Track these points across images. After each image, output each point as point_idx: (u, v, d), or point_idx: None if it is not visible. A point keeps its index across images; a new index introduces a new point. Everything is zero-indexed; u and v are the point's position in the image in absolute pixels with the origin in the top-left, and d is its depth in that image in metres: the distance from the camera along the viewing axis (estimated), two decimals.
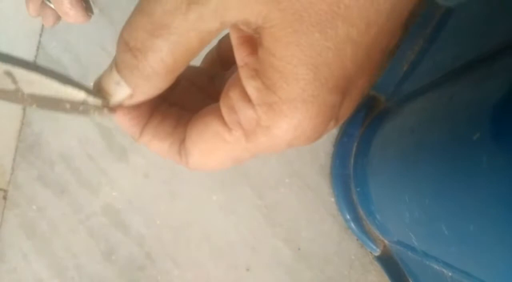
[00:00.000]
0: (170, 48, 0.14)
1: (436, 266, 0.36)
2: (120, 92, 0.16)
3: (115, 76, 0.15)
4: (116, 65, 0.15)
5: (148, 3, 0.13)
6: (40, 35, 0.61)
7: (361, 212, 0.54)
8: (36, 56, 0.61)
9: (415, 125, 0.40)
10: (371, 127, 0.53)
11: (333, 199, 0.57)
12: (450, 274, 0.33)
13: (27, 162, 0.60)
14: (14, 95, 0.16)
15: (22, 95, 0.16)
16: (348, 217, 0.54)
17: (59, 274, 0.58)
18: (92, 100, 0.16)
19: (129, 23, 0.14)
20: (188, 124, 0.17)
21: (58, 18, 0.26)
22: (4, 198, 0.59)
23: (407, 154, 0.39)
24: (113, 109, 0.17)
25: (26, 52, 0.60)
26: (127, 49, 0.14)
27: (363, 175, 0.51)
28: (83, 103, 0.16)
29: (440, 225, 0.31)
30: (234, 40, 0.15)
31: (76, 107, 0.16)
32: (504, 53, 0.29)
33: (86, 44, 0.59)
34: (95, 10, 0.59)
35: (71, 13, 0.24)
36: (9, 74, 0.15)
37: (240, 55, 0.15)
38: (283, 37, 0.12)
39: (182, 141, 0.17)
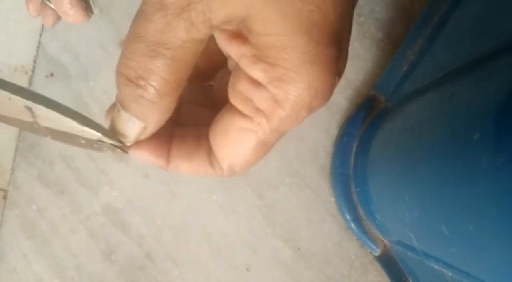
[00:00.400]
0: (170, 65, 0.14)
1: (436, 266, 0.36)
2: (134, 129, 0.16)
3: (124, 115, 0.15)
4: (121, 103, 0.15)
5: (138, 29, 0.14)
6: (40, 35, 0.61)
7: (361, 212, 0.54)
8: (36, 56, 0.61)
9: (415, 125, 0.40)
10: (371, 127, 0.53)
11: (333, 199, 0.57)
12: (450, 274, 0.33)
13: (27, 161, 0.60)
14: (30, 126, 0.16)
15: (38, 127, 0.16)
16: (348, 217, 0.54)
17: (59, 274, 0.58)
18: (107, 139, 0.16)
19: (124, 56, 0.14)
20: (209, 135, 0.17)
21: (58, 18, 0.26)
22: (4, 198, 0.59)
23: (407, 154, 0.39)
24: (127, 148, 0.17)
25: (26, 52, 0.60)
26: (128, 82, 0.14)
27: (363, 175, 0.51)
28: (98, 141, 0.17)
29: (440, 225, 0.31)
30: (222, 41, 0.16)
31: (91, 144, 0.17)
32: (504, 53, 0.29)
33: (86, 44, 0.59)
34: (95, 10, 0.59)
35: (71, 13, 0.24)
36: (29, 108, 0.16)
37: (234, 51, 0.15)
38: (269, 16, 0.13)
39: (210, 153, 0.17)
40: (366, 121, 0.55)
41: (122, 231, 0.58)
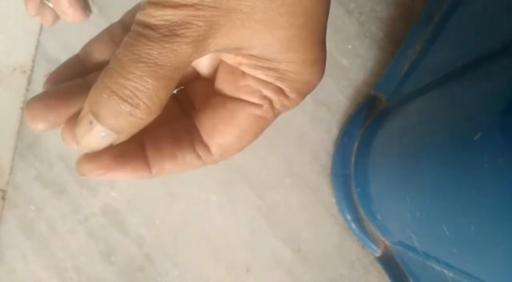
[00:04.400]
0: (167, 85, 0.15)
1: (437, 267, 0.35)
2: (106, 141, 0.16)
3: (98, 129, 0.15)
4: (99, 117, 0.15)
5: (140, 51, 0.14)
6: (39, 35, 0.60)
7: (362, 212, 0.54)
8: (34, 56, 0.60)
9: (416, 125, 0.39)
10: (372, 127, 0.53)
11: (333, 200, 0.56)
12: (451, 274, 0.33)
13: (25, 162, 0.59)
14: None
15: None
16: (348, 217, 0.54)
17: (58, 275, 0.58)
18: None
19: (121, 76, 0.14)
20: (202, 126, 0.18)
21: (56, 17, 0.26)
22: (3, 198, 0.59)
23: (408, 154, 0.39)
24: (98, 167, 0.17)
25: (24, 52, 0.60)
26: (118, 99, 0.15)
27: (364, 175, 0.51)
28: None
29: (441, 225, 0.31)
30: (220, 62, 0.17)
31: None
32: (505, 53, 0.29)
33: (85, 43, 0.59)
34: (94, 9, 0.58)
35: (70, 12, 0.24)
36: None
37: (231, 60, 0.17)
38: (267, 42, 0.15)
39: (194, 145, 0.18)
40: (367, 121, 0.54)
41: (121, 232, 0.58)
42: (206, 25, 0.14)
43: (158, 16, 0.14)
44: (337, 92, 0.57)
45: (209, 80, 0.19)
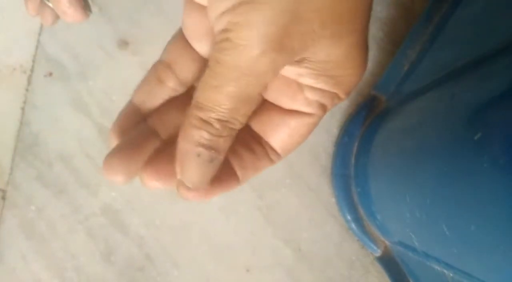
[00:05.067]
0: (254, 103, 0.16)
1: (437, 267, 0.35)
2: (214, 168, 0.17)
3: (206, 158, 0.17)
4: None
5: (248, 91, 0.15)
6: (39, 34, 0.60)
7: (362, 212, 0.54)
8: (34, 56, 0.60)
9: (416, 125, 0.39)
10: (372, 127, 0.53)
11: (333, 200, 0.56)
12: (451, 275, 0.33)
13: (25, 162, 0.59)
14: None
15: None
16: (348, 217, 0.54)
17: (58, 275, 0.58)
18: None
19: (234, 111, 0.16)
20: (269, 137, 0.19)
21: (56, 17, 0.26)
22: (3, 198, 0.59)
23: (408, 154, 0.39)
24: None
25: (24, 51, 0.60)
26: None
27: (364, 175, 0.51)
28: None
29: (441, 225, 0.31)
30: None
31: None
32: (505, 53, 0.29)
33: (85, 43, 0.59)
34: (94, 9, 0.58)
35: (70, 12, 0.24)
36: None
37: (289, 73, 0.17)
38: (325, 48, 0.16)
39: (268, 153, 0.20)
40: (367, 121, 0.54)
41: (121, 232, 0.58)
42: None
43: None
44: None
45: None
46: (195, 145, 0.16)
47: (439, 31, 0.47)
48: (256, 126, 0.19)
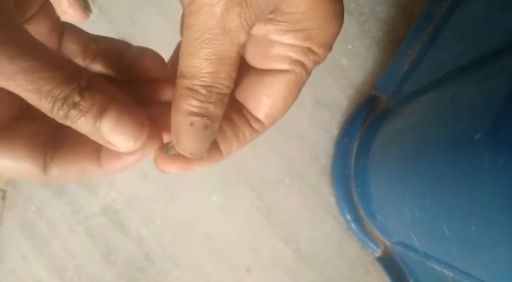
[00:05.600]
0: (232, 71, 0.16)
1: (437, 267, 0.35)
2: (209, 137, 0.17)
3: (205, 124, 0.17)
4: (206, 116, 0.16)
5: (212, 53, 0.15)
6: None
7: (362, 212, 0.54)
8: None
9: (416, 125, 0.39)
10: (372, 127, 0.53)
11: (333, 200, 0.56)
12: (451, 274, 0.33)
13: None
14: None
15: None
16: (348, 217, 0.54)
17: (58, 275, 0.58)
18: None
19: (187, 68, 0.15)
20: (247, 100, 0.19)
21: None
22: (3, 198, 0.59)
23: (408, 154, 0.39)
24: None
25: None
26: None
27: (364, 175, 0.51)
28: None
29: (441, 225, 0.30)
30: None
31: None
32: (505, 53, 0.29)
33: None
34: (95, 9, 0.58)
35: (69, 12, 0.24)
36: None
37: (260, 30, 0.17)
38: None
39: (249, 122, 0.19)
40: (367, 122, 0.54)
41: (121, 232, 0.58)
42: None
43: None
44: (337, 92, 0.57)
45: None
46: (186, 114, 0.16)
47: (439, 31, 0.47)
48: (239, 94, 0.19)
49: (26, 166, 0.16)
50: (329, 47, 0.18)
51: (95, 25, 0.58)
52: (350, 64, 0.57)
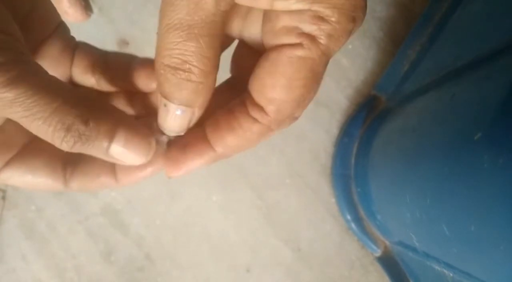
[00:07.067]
0: (207, 42, 0.15)
1: (437, 267, 0.35)
2: (185, 117, 0.17)
3: (172, 108, 0.16)
4: (168, 96, 0.16)
5: (169, 19, 0.14)
6: None
7: (362, 212, 0.54)
8: None
9: (416, 125, 0.39)
10: (372, 127, 0.53)
11: (333, 200, 0.56)
12: (451, 274, 0.33)
13: None
14: None
15: None
16: (348, 217, 0.54)
17: (58, 275, 0.58)
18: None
19: (164, 48, 0.15)
20: (254, 85, 0.17)
21: None
22: (3, 198, 0.59)
23: (408, 154, 0.39)
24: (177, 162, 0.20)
25: None
26: (173, 71, 0.15)
27: (364, 175, 0.51)
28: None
29: (441, 225, 0.31)
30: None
31: None
32: (504, 53, 0.29)
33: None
34: (95, 9, 0.58)
35: (70, 12, 0.24)
36: None
37: (263, 5, 0.15)
38: None
39: (247, 109, 0.17)
40: (366, 122, 0.55)
41: (121, 232, 0.58)
42: None
43: None
44: (337, 92, 0.57)
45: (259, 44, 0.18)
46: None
47: (439, 31, 0.47)
48: (249, 83, 0.17)
49: (48, 182, 0.18)
50: (347, 14, 0.14)
51: (95, 25, 0.58)
52: (350, 64, 0.57)
